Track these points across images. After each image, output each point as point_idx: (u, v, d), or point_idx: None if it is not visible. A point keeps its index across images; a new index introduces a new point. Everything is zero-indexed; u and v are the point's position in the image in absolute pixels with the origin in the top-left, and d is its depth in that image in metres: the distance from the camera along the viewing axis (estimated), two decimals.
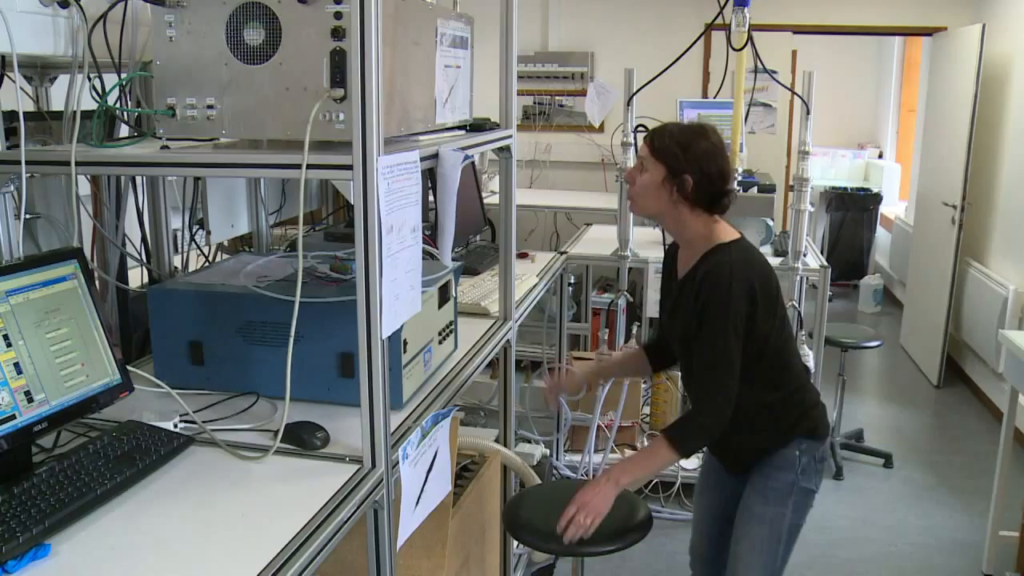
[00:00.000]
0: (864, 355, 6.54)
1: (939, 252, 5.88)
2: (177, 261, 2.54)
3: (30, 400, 1.56)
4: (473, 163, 3.41)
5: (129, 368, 1.80)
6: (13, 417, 1.52)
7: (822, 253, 6.19)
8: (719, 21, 3.44)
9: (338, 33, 1.58)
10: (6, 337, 1.55)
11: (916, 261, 6.59)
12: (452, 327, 2.30)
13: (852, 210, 8.35)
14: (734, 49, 3.20)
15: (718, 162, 2.20)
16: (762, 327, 2.16)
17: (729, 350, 2.13)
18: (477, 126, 2.30)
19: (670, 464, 2.37)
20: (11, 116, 1.86)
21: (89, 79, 1.90)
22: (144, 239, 2.40)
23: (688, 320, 2.20)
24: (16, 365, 1.55)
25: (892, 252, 8.09)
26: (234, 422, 1.86)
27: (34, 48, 1.82)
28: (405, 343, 1.90)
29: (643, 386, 3.50)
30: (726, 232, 2.24)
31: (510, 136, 2.47)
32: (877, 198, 8.40)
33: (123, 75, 1.97)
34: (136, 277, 2.49)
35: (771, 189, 4.06)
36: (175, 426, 1.77)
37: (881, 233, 8.45)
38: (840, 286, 8.29)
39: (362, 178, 1.49)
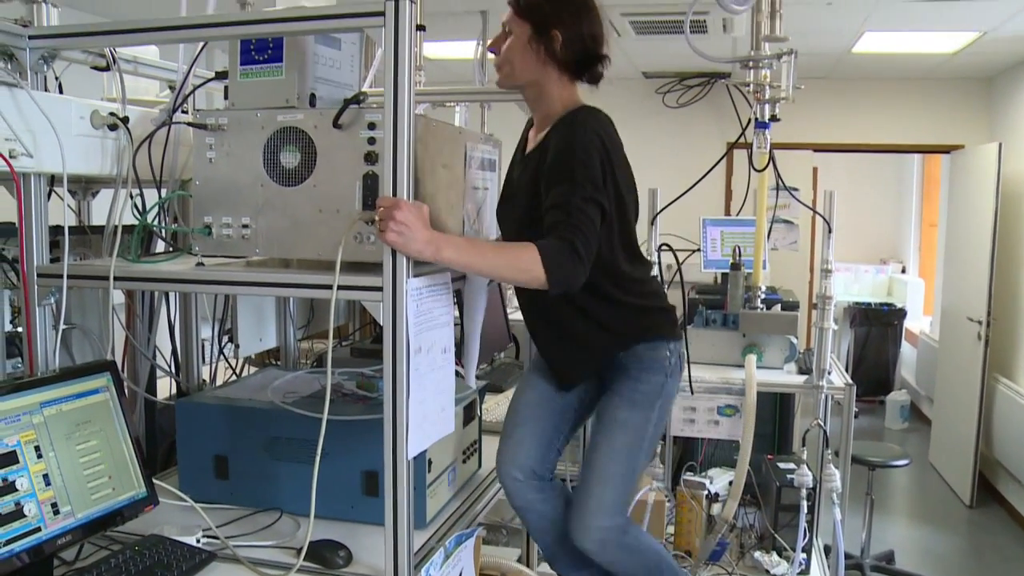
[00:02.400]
0: (893, 474, 6.41)
1: (966, 368, 5.82)
2: (205, 372, 2.57)
3: (56, 512, 1.57)
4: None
5: (154, 480, 1.81)
6: (38, 530, 1.53)
7: (847, 369, 6.15)
8: (741, 140, 3.52)
9: (371, 158, 1.64)
10: (37, 449, 1.57)
11: (943, 377, 6.53)
12: (476, 446, 2.30)
13: (876, 326, 8.32)
14: (756, 170, 3.26)
15: (590, 19, 2.02)
16: (623, 192, 2.01)
17: (591, 179, 1.89)
18: None
19: (512, 274, 1.86)
20: (54, 230, 1.93)
21: (131, 196, 1.97)
22: (175, 351, 2.44)
23: (534, 188, 1.97)
24: (45, 477, 1.57)
25: (918, 368, 8.01)
26: (257, 538, 1.85)
27: (83, 168, 1.91)
28: (430, 462, 1.90)
29: (667, 505, 3.44)
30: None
31: None
32: (901, 313, 8.38)
33: (163, 193, 2.04)
34: (164, 387, 2.52)
35: (794, 306, 4.06)
36: (198, 541, 1.77)
37: (906, 348, 8.39)
38: (866, 402, 8.19)
39: (391, 300, 1.52)
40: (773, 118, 3.13)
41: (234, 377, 2.60)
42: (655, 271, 2.99)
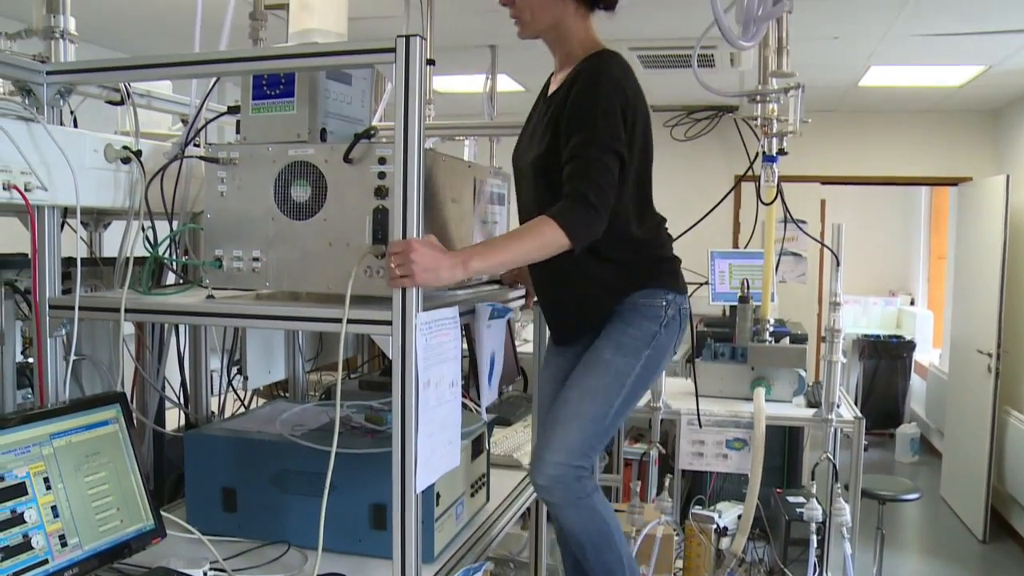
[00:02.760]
0: (903, 508, 6.35)
1: (977, 401, 5.79)
2: (213, 403, 2.58)
3: (64, 544, 1.57)
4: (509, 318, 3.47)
5: (162, 512, 1.81)
6: (46, 562, 1.53)
7: (856, 402, 6.12)
8: (749, 173, 3.53)
9: (381, 192, 1.66)
10: (46, 480, 1.58)
11: (953, 410, 6.49)
12: (484, 479, 2.29)
13: (885, 358, 8.29)
14: (763, 203, 3.27)
15: None
16: (643, 141, 2.02)
17: (611, 128, 1.91)
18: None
19: (540, 250, 1.87)
20: (66, 261, 1.94)
21: (143, 229, 1.99)
22: (183, 383, 2.45)
23: (555, 128, 1.97)
24: (53, 508, 1.57)
25: (928, 400, 7.97)
26: (264, 571, 1.84)
27: (96, 201, 1.93)
28: (438, 496, 1.89)
29: (675, 539, 3.42)
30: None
31: None
32: (910, 346, 8.35)
33: (175, 225, 2.06)
34: (172, 417, 2.52)
35: (803, 339, 4.06)
36: (205, 574, 1.76)
37: (916, 381, 8.35)
38: (876, 435, 8.13)
39: (401, 334, 1.53)
40: (781, 152, 3.14)
41: (242, 409, 2.60)
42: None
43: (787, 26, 2.40)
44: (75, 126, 2.10)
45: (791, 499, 3.31)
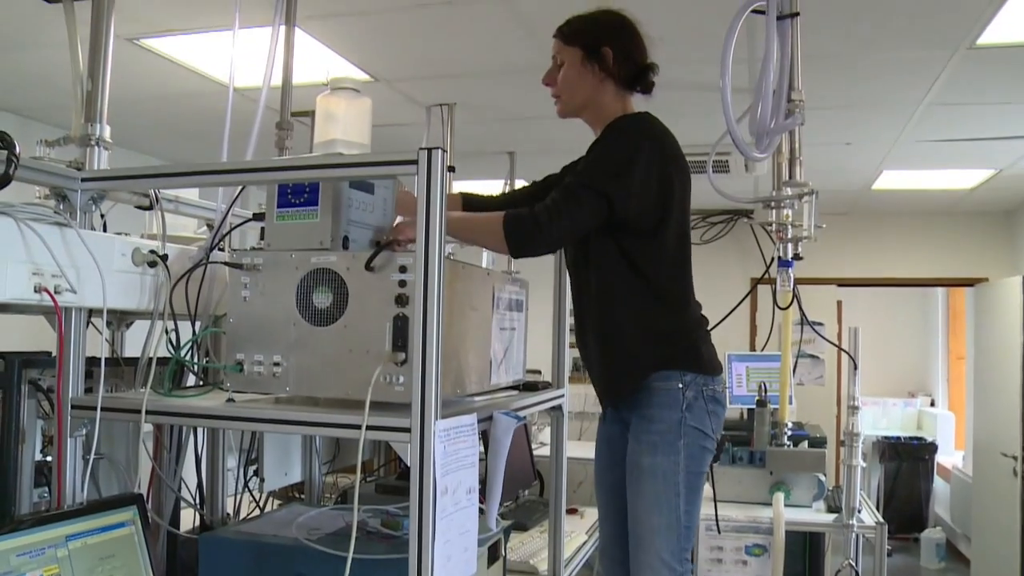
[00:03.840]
0: None
1: (1003, 505, 5.66)
2: (229, 503, 2.56)
3: None
4: (526, 423, 3.47)
5: None
6: None
7: (878, 505, 6.00)
8: (765, 277, 3.55)
9: (401, 300, 1.68)
10: None
11: (979, 514, 6.34)
12: None
13: (907, 460, 8.15)
14: (780, 308, 3.29)
15: (630, 33, 2.16)
16: (677, 193, 2.09)
17: (603, 174, 2.01)
18: (530, 386, 2.35)
19: (483, 239, 2.10)
20: (88, 360, 1.97)
21: (167, 332, 2.02)
22: (200, 484, 2.44)
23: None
24: None
25: (952, 504, 7.80)
26: None
27: (122, 303, 1.97)
28: None
29: None
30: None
31: (562, 396, 2.53)
32: (932, 448, 8.21)
33: (197, 327, 2.09)
34: (187, 517, 2.51)
35: (822, 443, 4.02)
36: None
37: (939, 483, 8.19)
38: (899, 540, 7.94)
39: (419, 441, 1.54)
40: (796, 257, 3.17)
41: (258, 511, 2.59)
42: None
43: (800, 136, 2.45)
44: (104, 229, 2.16)
45: None
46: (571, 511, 3.62)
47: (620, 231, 2.09)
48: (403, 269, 1.69)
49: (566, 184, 2.03)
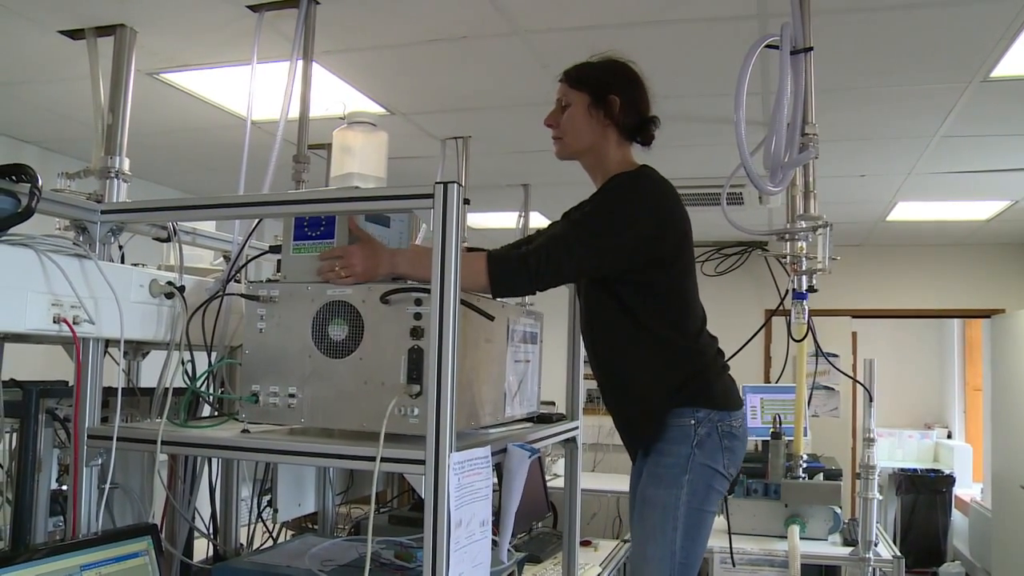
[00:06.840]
0: None
1: None
2: (242, 534, 2.56)
3: None
4: (540, 457, 3.46)
5: None
6: None
7: (894, 538, 5.94)
8: (779, 309, 3.55)
9: (417, 333, 1.68)
10: None
11: (999, 548, 6.26)
12: None
13: (924, 492, 8.05)
14: (794, 340, 3.28)
15: (638, 84, 2.19)
16: (670, 253, 2.10)
17: (592, 231, 2.02)
18: (544, 418, 2.35)
19: (469, 282, 1.90)
20: (104, 390, 1.98)
21: (183, 363, 2.04)
22: (214, 515, 2.44)
23: None
24: None
25: (971, 537, 7.69)
26: None
27: (139, 334, 1.98)
28: None
29: None
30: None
31: (576, 428, 2.52)
32: (949, 480, 8.12)
33: (213, 358, 2.10)
34: (200, 547, 2.50)
35: (837, 475, 3.99)
36: None
37: (957, 516, 8.09)
38: (917, 573, 7.83)
39: (434, 473, 1.54)
40: (811, 288, 3.16)
41: (271, 541, 2.59)
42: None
43: (814, 169, 2.46)
44: (123, 261, 2.18)
45: None
46: (585, 543, 3.60)
47: (618, 283, 2.12)
48: (418, 302, 1.70)
49: (560, 233, 2.07)
